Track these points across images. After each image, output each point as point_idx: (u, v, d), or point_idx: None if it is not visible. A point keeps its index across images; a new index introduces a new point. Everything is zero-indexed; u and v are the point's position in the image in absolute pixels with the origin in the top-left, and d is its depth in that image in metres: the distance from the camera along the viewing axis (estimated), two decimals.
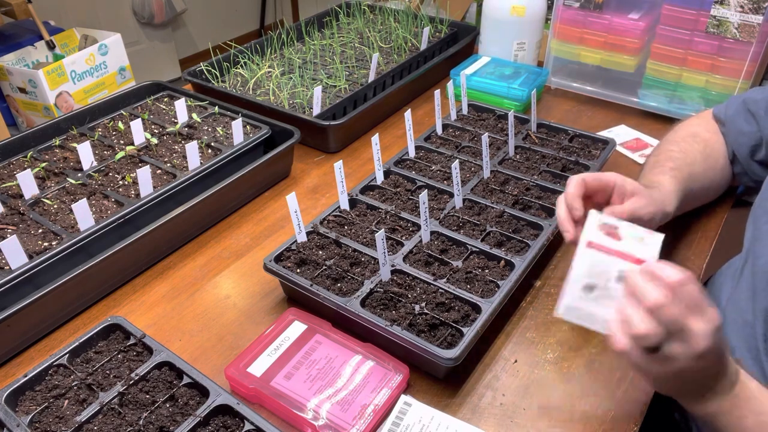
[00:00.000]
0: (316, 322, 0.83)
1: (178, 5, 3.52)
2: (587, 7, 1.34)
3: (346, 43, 1.60)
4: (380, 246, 0.81)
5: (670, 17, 1.24)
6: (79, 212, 0.90)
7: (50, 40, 2.37)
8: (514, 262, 0.86)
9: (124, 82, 2.51)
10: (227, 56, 1.47)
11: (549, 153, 1.12)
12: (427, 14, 1.69)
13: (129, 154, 1.11)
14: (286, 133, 1.16)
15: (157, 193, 0.99)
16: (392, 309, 0.81)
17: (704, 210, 1.09)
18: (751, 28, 1.16)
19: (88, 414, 0.69)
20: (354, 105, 1.34)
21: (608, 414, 0.75)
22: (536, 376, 0.80)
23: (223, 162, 1.09)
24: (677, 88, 1.31)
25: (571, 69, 1.46)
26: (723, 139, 1.00)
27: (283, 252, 0.89)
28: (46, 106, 2.23)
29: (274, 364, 0.77)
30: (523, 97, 1.34)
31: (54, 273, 0.86)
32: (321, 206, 1.11)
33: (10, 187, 1.03)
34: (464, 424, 0.72)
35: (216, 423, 0.69)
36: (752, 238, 0.86)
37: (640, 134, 1.28)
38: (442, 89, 1.25)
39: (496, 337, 0.85)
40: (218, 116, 1.24)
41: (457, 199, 0.99)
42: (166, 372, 0.74)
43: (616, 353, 0.60)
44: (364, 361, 0.78)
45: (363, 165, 1.22)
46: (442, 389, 0.78)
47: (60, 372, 0.75)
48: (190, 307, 0.91)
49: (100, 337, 0.79)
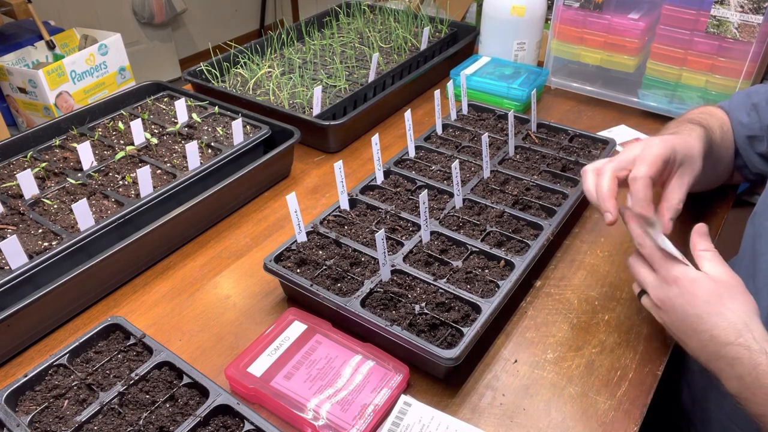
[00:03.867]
0: (316, 322, 0.83)
1: (178, 5, 3.52)
2: (587, 7, 1.34)
3: (346, 43, 1.60)
4: (380, 246, 0.81)
5: (670, 17, 1.24)
6: (79, 212, 0.90)
7: (50, 40, 2.37)
8: (514, 262, 0.86)
9: (124, 82, 2.51)
10: (227, 56, 1.47)
11: (549, 153, 1.12)
12: (427, 14, 1.69)
13: (129, 154, 1.11)
14: (286, 133, 1.16)
15: (157, 193, 0.99)
16: (392, 309, 0.81)
17: (704, 210, 1.09)
18: (751, 28, 1.16)
19: (88, 414, 0.69)
20: (354, 105, 1.34)
21: (608, 414, 0.75)
22: (536, 376, 0.80)
23: (223, 162, 1.09)
24: (677, 88, 1.31)
25: (571, 69, 1.46)
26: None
27: (283, 252, 0.89)
28: (46, 106, 2.23)
29: (274, 364, 0.77)
30: (523, 97, 1.34)
31: (54, 273, 0.86)
32: (321, 206, 1.11)
33: (10, 187, 1.03)
34: (464, 424, 0.72)
35: (216, 423, 0.69)
36: (753, 237, 0.86)
37: (640, 134, 1.28)
38: (442, 89, 1.25)
39: (496, 337, 0.85)
40: (218, 116, 1.24)
41: (457, 199, 0.99)
42: (166, 372, 0.74)
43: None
44: (364, 361, 0.78)
45: (363, 165, 1.22)
46: (442, 389, 0.78)
47: (60, 372, 0.75)
48: (190, 307, 0.91)
49: (100, 337, 0.79)
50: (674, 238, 1.01)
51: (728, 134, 0.97)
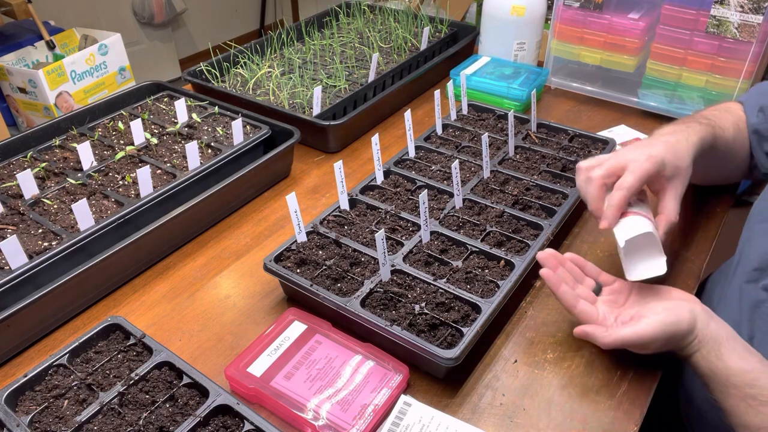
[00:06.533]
0: (316, 322, 0.83)
1: (178, 5, 3.52)
2: (587, 7, 1.34)
3: (346, 43, 1.60)
4: (380, 246, 0.81)
5: (670, 17, 1.24)
6: (79, 212, 0.90)
7: (50, 40, 2.37)
8: (514, 262, 0.86)
9: (124, 82, 2.51)
10: (227, 56, 1.47)
11: (549, 153, 1.12)
12: (427, 14, 1.69)
13: (129, 154, 1.11)
14: (286, 133, 1.16)
15: (157, 193, 0.99)
16: (392, 309, 0.81)
17: (704, 210, 1.09)
18: (751, 28, 1.16)
19: (88, 414, 0.69)
20: (354, 105, 1.34)
21: (608, 414, 0.75)
22: (536, 376, 0.80)
23: (223, 162, 1.09)
24: (677, 88, 1.31)
25: (571, 69, 1.46)
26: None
27: (283, 252, 0.89)
28: (46, 106, 2.23)
29: (274, 364, 0.77)
30: (523, 97, 1.34)
31: (54, 273, 0.86)
32: (321, 206, 1.11)
33: (10, 187, 1.03)
34: (464, 424, 0.72)
35: (216, 423, 0.69)
36: (744, 239, 0.87)
37: (640, 134, 1.28)
38: (442, 89, 1.25)
39: (496, 337, 0.85)
40: (218, 116, 1.24)
41: (457, 199, 0.99)
42: (166, 372, 0.74)
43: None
44: (364, 361, 0.78)
45: (363, 165, 1.22)
46: (442, 389, 0.78)
47: (60, 372, 0.75)
48: (190, 307, 0.91)
49: (100, 337, 0.79)
50: (674, 237, 1.01)
51: (743, 132, 0.97)
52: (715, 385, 0.72)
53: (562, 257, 0.85)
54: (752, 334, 0.82)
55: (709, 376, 0.73)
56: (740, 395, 0.70)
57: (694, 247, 1.01)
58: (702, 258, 0.99)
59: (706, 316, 0.74)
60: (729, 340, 0.72)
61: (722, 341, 0.72)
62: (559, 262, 0.83)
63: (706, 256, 0.99)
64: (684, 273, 0.95)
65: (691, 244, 1.01)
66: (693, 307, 0.74)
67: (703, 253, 1.00)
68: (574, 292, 0.80)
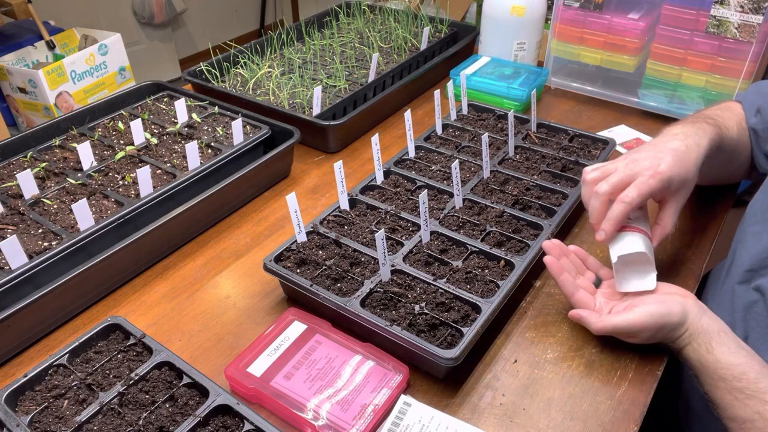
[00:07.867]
0: (316, 322, 0.83)
1: (178, 5, 3.52)
2: (587, 7, 1.34)
3: (346, 43, 1.60)
4: (380, 246, 0.81)
5: (670, 17, 1.24)
6: (79, 212, 0.90)
7: (50, 40, 2.37)
8: (514, 262, 0.86)
9: (124, 82, 2.51)
10: (227, 56, 1.47)
11: (549, 153, 1.12)
12: (427, 14, 1.69)
13: (129, 154, 1.11)
14: (286, 133, 1.16)
15: (157, 193, 0.99)
16: (392, 309, 0.81)
17: (704, 210, 1.09)
18: (751, 28, 1.16)
19: (88, 414, 0.69)
20: (354, 105, 1.34)
21: (608, 414, 0.75)
22: (536, 376, 0.80)
23: (223, 162, 1.09)
24: (677, 88, 1.31)
25: (571, 69, 1.46)
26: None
27: (283, 252, 0.89)
28: (46, 106, 2.23)
29: (274, 364, 0.77)
30: (523, 97, 1.34)
31: (54, 273, 0.86)
32: (321, 206, 1.11)
33: (10, 187, 1.03)
34: (464, 424, 0.72)
35: (216, 423, 0.69)
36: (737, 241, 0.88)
37: (640, 134, 1.28)
38: (442, 89, 1.25)
39: (496, 337, 0.85)
40: (218, 116, 1.24)
41: (457, 199, 0.99)
42: (166, 372, 0.74)
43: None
44: (364, 361, 0.78)
45: (363, 165, 1.22)
46: (442, 389, 0.78)
47: (60, 372, 0.75)
48: (190, 307, 0.91)
49: (100, 337, 0.79)
50: (674, 238, 1.01)
51: (745, 131, 0.97)
52: (704, 378, 0.74)
53: (566, 248, 0.87)
54: (747, 335, 0.82)
55: (699, 368, 0.74)
56: (728, 388, 0.71)
57: (694, 247, 1.01)
58: (702, 258, 0.99)
59: (699, 310, 0.76)
60: (720, 334, 0.74)
61: (713, 335, 0.73)
62: (563, 252, 0.86)
63: (706, 256, 0.99)
64: (684, 273, 0.95)
65: (691, 244, 1.01)
66: (685, 300, 0.76)
67: (703, 253, 1.00)
68: (575, 281, 0.82)
